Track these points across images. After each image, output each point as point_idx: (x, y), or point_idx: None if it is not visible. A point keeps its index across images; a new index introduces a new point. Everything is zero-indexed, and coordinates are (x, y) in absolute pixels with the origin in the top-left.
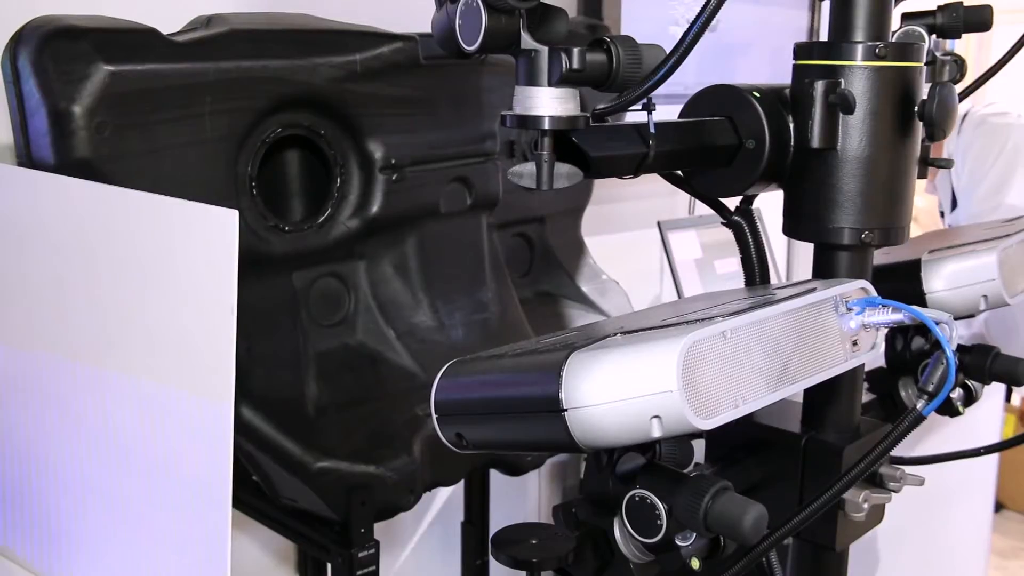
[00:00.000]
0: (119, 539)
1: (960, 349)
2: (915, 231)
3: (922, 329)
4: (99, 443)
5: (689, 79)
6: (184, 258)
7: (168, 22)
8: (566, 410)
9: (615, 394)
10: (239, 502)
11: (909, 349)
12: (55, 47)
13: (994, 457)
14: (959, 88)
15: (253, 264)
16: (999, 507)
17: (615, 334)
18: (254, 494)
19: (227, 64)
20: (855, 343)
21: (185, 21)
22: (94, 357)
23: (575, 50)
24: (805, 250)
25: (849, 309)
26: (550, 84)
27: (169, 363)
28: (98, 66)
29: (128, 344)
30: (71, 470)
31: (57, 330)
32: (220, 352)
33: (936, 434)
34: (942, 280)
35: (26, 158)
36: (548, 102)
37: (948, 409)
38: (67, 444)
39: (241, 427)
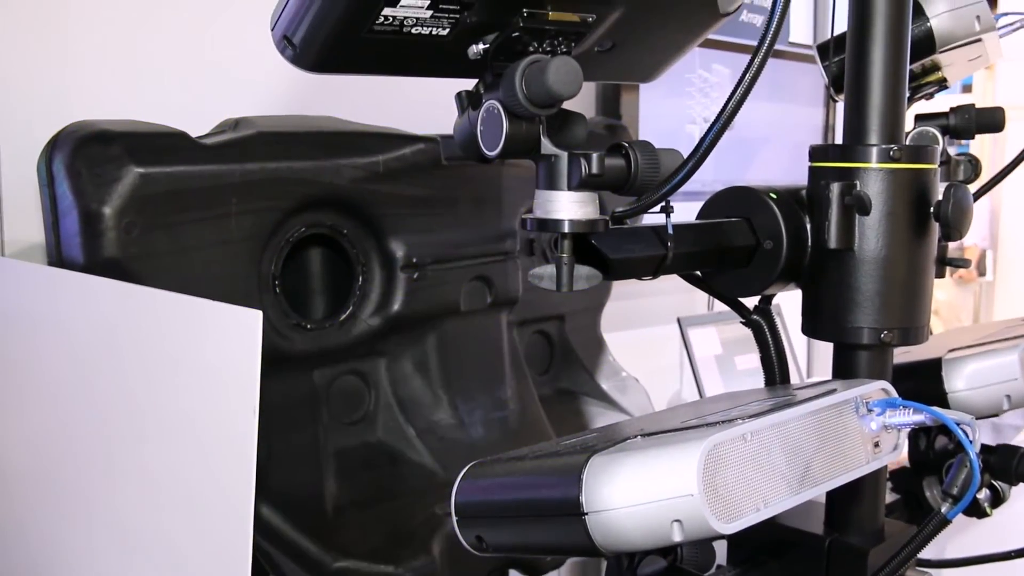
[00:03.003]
0: None
1: (985, 449)
2: (936, 325)
3: (945, 428)
4: (117, 539)
5: (707, 176)
6: (208, 357)
7: (198, 123)
8: (587, 514)
9: (636, 498)
10: None
11: (933, 448)
12: (88, 151)
13: None
14: (974, 187)
15: (275, 362)
16: None
17: (635, 436)
18: None
19: (253, 166)
20: (877, 444)
21: (214, 123)
22: (115, 454)
23: (594, 155)
24: (825, 346)
25: (870, 410)
26: (570, 188)
27: (190, 462)
28: (129, 168)
29: (149, 442)
30: (87, 567)
31: (80, 426)
32: (241, 453)
33: (966, 534)
34: (963, 380)
35: (56, 258)
36: (568, 206)
37: (975, 511)
38: (84, 540)
39: (259, 526)
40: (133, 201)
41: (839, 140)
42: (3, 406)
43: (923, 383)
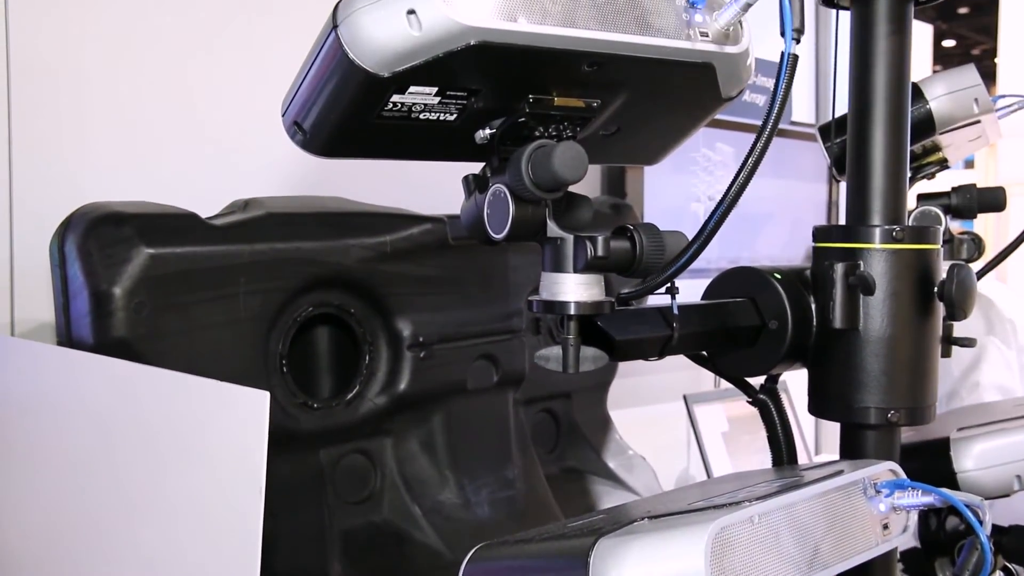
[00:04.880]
0: None
1: (996, 530)
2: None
3: (956, 508)
4: None
5: (712, 253)
6: (215, 438)
7: (208, 204)
8: None
9: None
10: None
11: (944, 529)
12: (100, 232)
13: None
14: (978, 265)
15: (281, 441)
16: None
17: (642, 518)
18: None
19: (262, 246)
20: (886, 526)
21: (224, 204)
22: (121, 534)
23: (599, 238)
24: (833, 424)
25: (878, 491)
26: (575, 270)
27: (194, 543)
28: (140, 249)
29: (155, 522)
30: None
31: (85, 506)
32: (247, 533)
33: None
34: (973, 459)
35: (66, 338)
36: (573, 288)
37: None
38: None
39: None
40: (143, 282)
41: (843, 215)
42: (9, 485)
43: (932, 463)
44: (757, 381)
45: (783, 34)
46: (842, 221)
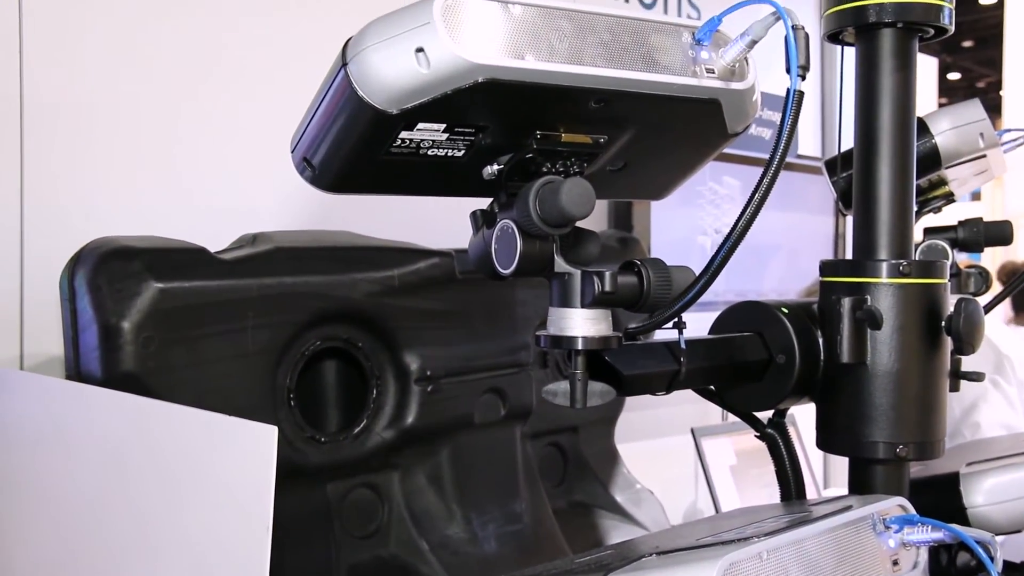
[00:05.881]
0: None
1: (1008, 567)
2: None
3: (966, 545)
4: None
5: (719, 286)
6: (222, 473)
7: (217, 238)
8: None
9: None
10: None
11: (954, 565)
12: (110, 267)
13: None
14: (986, 299)
15: (288, 475)
16: None
17: (651, 554)
18: None
19: (270, 280)
20: (896, 562)
21: (233, 238)
22: (129, 567)
23: (607, 273)
24: (842, 457)
25: (888, 527)
26: (583, 306)
27: None
28: (149, 284)
29: (163, 556)
30: None
31: (93, 539)
32: (254, 568)
33: None
34: (983, 495)
35: (74, 372)
36: (581, 323)
37: None
38: None
39: None
40: (152, 316)
41: (850, 248)
42: (17, 519)
43: (941, 498)
44: (765, 415)
45: (789, 71)
46: (849, 255)
